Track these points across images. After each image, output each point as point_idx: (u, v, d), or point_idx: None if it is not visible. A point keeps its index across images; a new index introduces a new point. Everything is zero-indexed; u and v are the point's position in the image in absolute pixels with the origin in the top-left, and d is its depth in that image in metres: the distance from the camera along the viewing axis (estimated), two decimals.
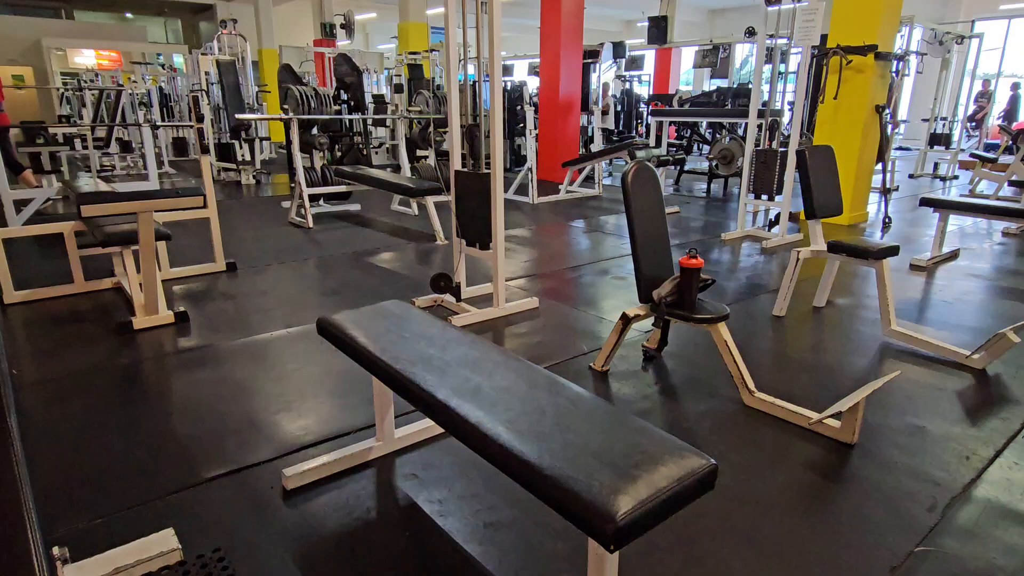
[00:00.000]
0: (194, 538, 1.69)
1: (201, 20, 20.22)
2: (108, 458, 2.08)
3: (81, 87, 10.37)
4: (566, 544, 1.68)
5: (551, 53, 8.60)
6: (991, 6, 13.66)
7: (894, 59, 5.79)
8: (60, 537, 1.69)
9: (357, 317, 1.98)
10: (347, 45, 14.82)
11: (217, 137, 8.93)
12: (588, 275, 4.32)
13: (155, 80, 13.68)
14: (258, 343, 3.07)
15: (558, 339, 3.16)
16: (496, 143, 3.44)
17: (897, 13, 5.73)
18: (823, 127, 6.01)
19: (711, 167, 7.85)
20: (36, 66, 15.25)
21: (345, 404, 2.45)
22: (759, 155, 5.54)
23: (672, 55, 14.93)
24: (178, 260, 4.36)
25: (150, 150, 5.90)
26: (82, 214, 2.92)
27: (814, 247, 3.42)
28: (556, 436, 1.27)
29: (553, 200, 7.31)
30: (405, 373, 1.60)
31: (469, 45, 3.51)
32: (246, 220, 6.12)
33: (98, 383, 2.64)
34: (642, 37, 13.34)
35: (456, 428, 1.39)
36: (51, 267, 4.26)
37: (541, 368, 1.61)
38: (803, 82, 5.31)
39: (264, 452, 2.12)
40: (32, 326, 3.29)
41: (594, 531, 1.06)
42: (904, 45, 7.93)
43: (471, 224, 3.46)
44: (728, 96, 10.05)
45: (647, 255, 2.56)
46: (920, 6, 9.98)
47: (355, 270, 4.39)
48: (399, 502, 1.88)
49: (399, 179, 5.78)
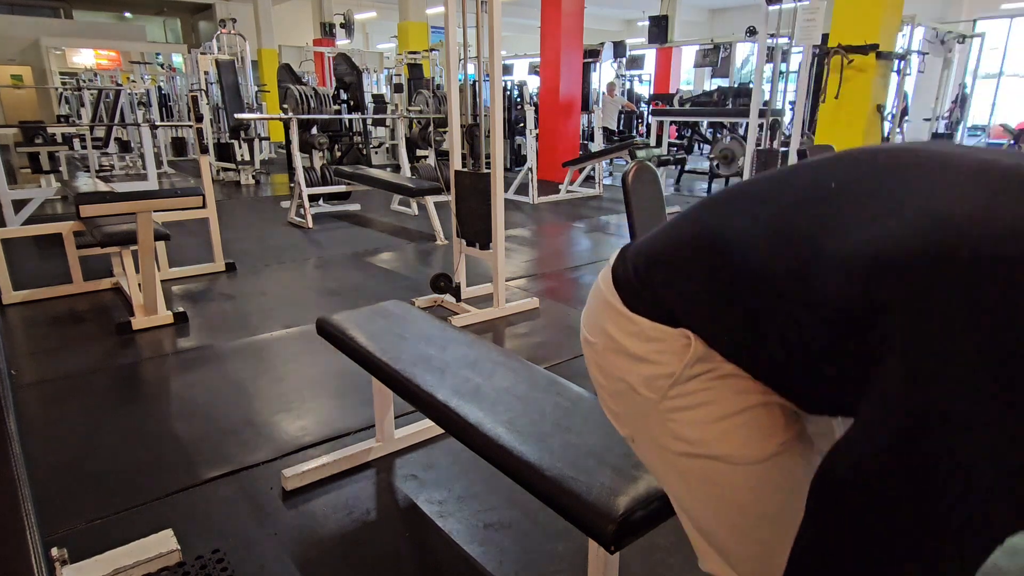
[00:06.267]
0: (193, 539, 1.68)
1: (200, 20, 20.21)
2: (107, 458, 2.07)
3: (80, 87, 10.37)
4: (566, 544, 1.67)
5: (551, 53, 8.59)
6: (992, 5, 13.65)
7: (896, 58, 5.79)
8: (59, 538, 1.69)
9: (357, 317, 1.98)
10: (347, 45, 14.81)
11: (216, 137, 8.92)
12: (588, 275, 4.31)
13: (154, 80, 13.70)
14: (257, 343, 3.06)
15: (558, 339, 3.16)
16: (496, 143, 3.44)
17: (899, 12, 5.72)
18: (824, 127, 6.01)
19: (712, 167, 7.85)
20: (35, 66, 15.24)
21: (345, 404, 2.45)
22: (760, 155, 5.53)
23: (673, 54, 14.91)
24: (177, 260, 4.36)
25: (149, 150, 5.90)
26: (81, 214, 2.92)
27: None
28: (556, 437, 1.27)
29: (553, 200, 7.30)
30: (405, 373, 1.59)
31: (469, 45, 3.50)
32: (245, 220, 6.12)
33: (97, 383, 2.63)
34: (642, 36, 13.34)
35: (456, 428, 1.39)
36: (50, 267, 4.26)
37: (541, 368, 1.61)
38: (804, 81, 5.31)
39: (263, 453, 2.11)
40: (31, 326, 3.29)
41: (594, 532, 1.05)
42: (906, 44, 7.93)
43: (471, 224, 3.45)
44: (729, 95, 10.04)
45: None
46: (921, 5, 9.97)
47: (355, 270, 4.39)
48: (399, 503, 1.87)
49: (399, 179, 5.78)
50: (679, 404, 0.77)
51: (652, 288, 0.79)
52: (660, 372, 0.77)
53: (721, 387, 0.76)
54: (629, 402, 0.83)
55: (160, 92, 12.68)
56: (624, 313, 0.81)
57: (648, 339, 0.78)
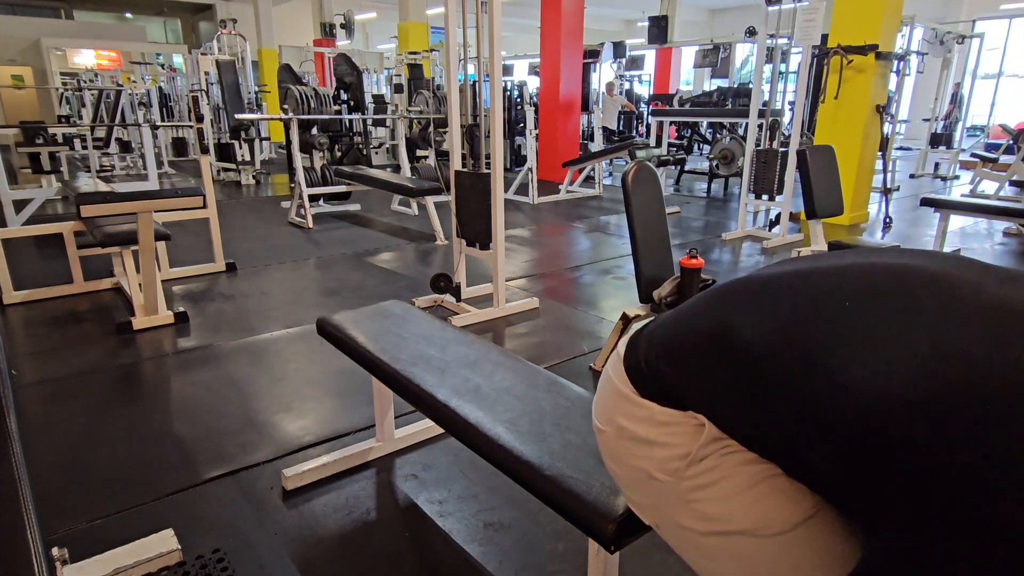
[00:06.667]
0: (194, 539, 1.69)
1: (201, 20, 20.22)
2: (108, 458, 2.08)
3: (80, 87, 10.36)
4: (566, 544, 1.67)
5: (551, 53, 8.59)
6: (992, 6, 13.66)
7: (895, 59, 5.79)
8: (60, 538, 1.69)
9: (357, 317, 1.98)
10: (347, 45, 14.82)
11: (217, 137, 8.92)
12: (588, 275, 4.32)
13: (155, 80, 13.69)
14: (258, 343, 3.07)
15: (558, 339, 3.16)
16: (496, 143, 3.44)
17: (898, 13, 5.72)
18: (824, 127, 6.01)
19: (711, 167, 7.85)
20: (36, 66, 15.26)
21: (345, 404, 2.45)
22: (760, 155, 5.53)
23: (672, 55, 14.91)
24: (178, 260, 4.36)
25: (150, 150, 5.90)
26: (82, 214, 2.92)
27: (815, 247, 3.42)
28: (556, 436, 1.27)
29: (553, 200, 7.30)
30: (405, 373, 1.60)
31: (469, 45, 3.51)
32: (246, 220, 6.12)
33: (98, 383, 2.64)
34: (642, 37, 13.34)
35: (456, 428, 1.39)
36: (51, 267, 4.26)
37: (541, 368, 1.61)
38: (804, 82, 5.30)
39: (264, 452, 2.12)
40: (32, 326, 3.29)
41: (594, 531, 1.05)
42: (905, 45, 7.93)
43: (471, 224, 3.46)
44: (729, 96, 10.04)
45: (647, 255, 2.56)
46: (921, 6, 9.98)
47: (355, 270, 4.39)
48: (399, 503, 1.87)
49: (399, 179, 5.78)
50: (698, 483, 0.76)
51: (664, 378, 0.79)
52: (674, 454, 0.77)
53: (738, 460, 0.74)
54: (648, 490, 0.82)
55: (161, 92, 12.68)
56: (634, 400, 0.81)
57: (659, 423, 0.78)
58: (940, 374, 0.54)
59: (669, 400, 0.78)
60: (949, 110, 9.39)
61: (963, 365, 0.53)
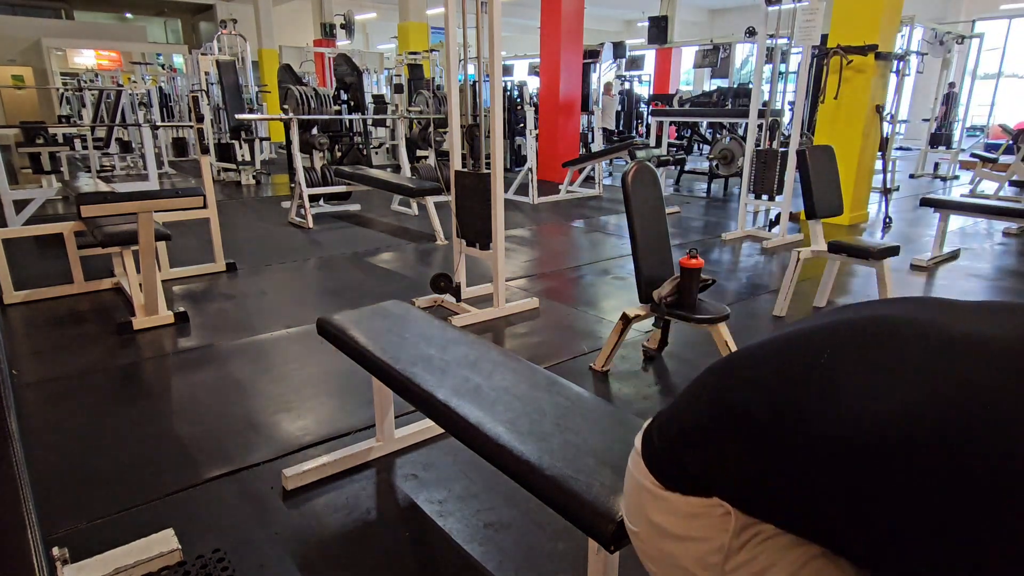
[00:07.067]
0: (194, 538, 1.69)
1: (201, 20, 20.22)
2: (108, 458, 2.08)
3: (81, 87, 10.37)
4: (566, 544, 1.67)
5: (551, 53, 8.59)
6: (992, 6, 13.66)
7: (895, 59, 5.79)
8: (60, 537, 1.69)
9: (357, 317, 1.98)
10: (347, 45, 14.82)
11: (217, 137, 8.93)
12: (588, 275, 4.32)
13: (155, 80, 13.68)
14: (258, 343, 3.07)
15: (558, 339, 3.16)
16: (496, 143, 3.44)
17: (898, 13, 5.73)
18: (823, 127, 6.01)
19: (711, 167, 7.85)
20: (36, 66, 15.27)
21: (345, 404, 2.45)
22: (759, 155, 5.53)
23: (672, 55, 14.91)
24: (178, 260, 4.36)
25: (150, 150, 5.90)
26: (82, 214, 2.92)
27: (815, 247, 3.42)
28: (556, 436, 1.27)
29: (553, 200, 7.30)
30: (405, 373, 1.60)
31: (469, 45, 3.51)
32: (246, 220, 6.12)
33: (98, 383, 2.64)
34: (642, 37, 13.36)
35: (456, 428, 1.39)
36: (51, 267, 4.26)
37: (541, 368, 1.61)
38: (803, 82, 5.30)
39: (264, 452, 2.12)
40: (32, 326, 3.29)
41: (594, 531, 1.06)
42: (905, 45, 7.93)
43: (471, 224, 3.46)
44: (728, 96, 10.05)
45: (647, 255, 2.56)
46: (921, 6, 9.98)
47: (355, 270, 4.39)
48: (399, 502, 1.87)
49: (399, 179, 5.78)
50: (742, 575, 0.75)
51: (686, 465, 0.79)
52: (710, 548, 0.76)
53: (777, 545, 0.74)
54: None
55: (161, 92, 12.68)
56: (659, 494, 0.80)
57: (685, 516, 0.78)
58: (915, 414, 0.57)
59: (693, 488, 0.77)
60: (942, 112, 9.40)
61: (942, 404, 0.56)
